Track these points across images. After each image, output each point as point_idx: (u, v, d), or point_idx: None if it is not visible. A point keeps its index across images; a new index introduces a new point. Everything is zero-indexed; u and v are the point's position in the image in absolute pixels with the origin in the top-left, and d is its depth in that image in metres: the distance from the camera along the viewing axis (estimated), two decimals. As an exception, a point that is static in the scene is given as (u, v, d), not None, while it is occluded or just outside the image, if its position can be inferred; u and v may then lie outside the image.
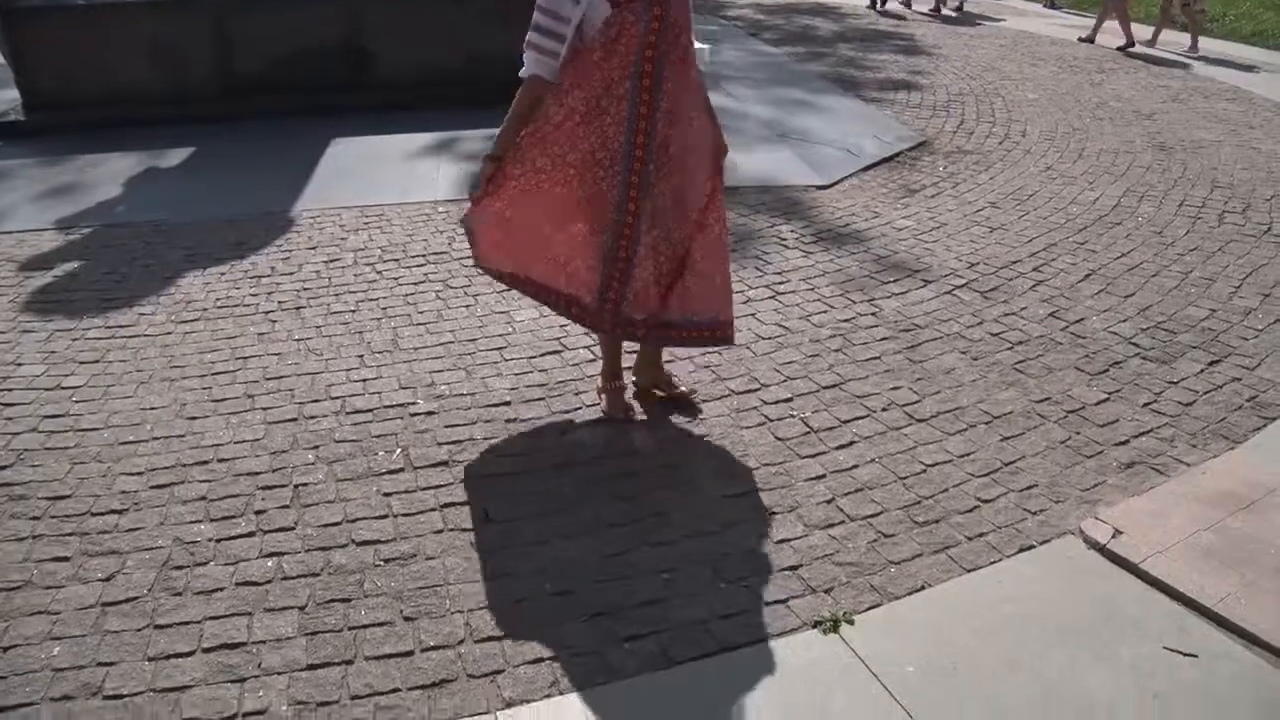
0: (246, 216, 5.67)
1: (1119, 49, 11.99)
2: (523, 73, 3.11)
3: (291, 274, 4.89)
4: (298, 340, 4.18)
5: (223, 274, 4.90)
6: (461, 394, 3.72)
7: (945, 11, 14.92)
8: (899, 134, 7.47)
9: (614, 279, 3.21)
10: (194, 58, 7.80)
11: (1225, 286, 4.79)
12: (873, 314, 4.44)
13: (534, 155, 3.10)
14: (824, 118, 7.86)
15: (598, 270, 3.23)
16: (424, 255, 5.08)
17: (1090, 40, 12.45)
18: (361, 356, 4.03)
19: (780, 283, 4.71)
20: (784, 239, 5.29)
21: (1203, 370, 3.97)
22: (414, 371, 3.90)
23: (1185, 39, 12.08)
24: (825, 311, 4.45)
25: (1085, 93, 9.25)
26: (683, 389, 3.70)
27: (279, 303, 4.56)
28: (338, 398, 3.71)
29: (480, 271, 3.58)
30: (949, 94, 9.00)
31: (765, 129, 7.21)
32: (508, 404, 3.66)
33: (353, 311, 4.45)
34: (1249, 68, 10.94)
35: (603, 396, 3.63)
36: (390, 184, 6.20)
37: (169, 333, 4.27)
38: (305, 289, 4.71)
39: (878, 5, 15.27)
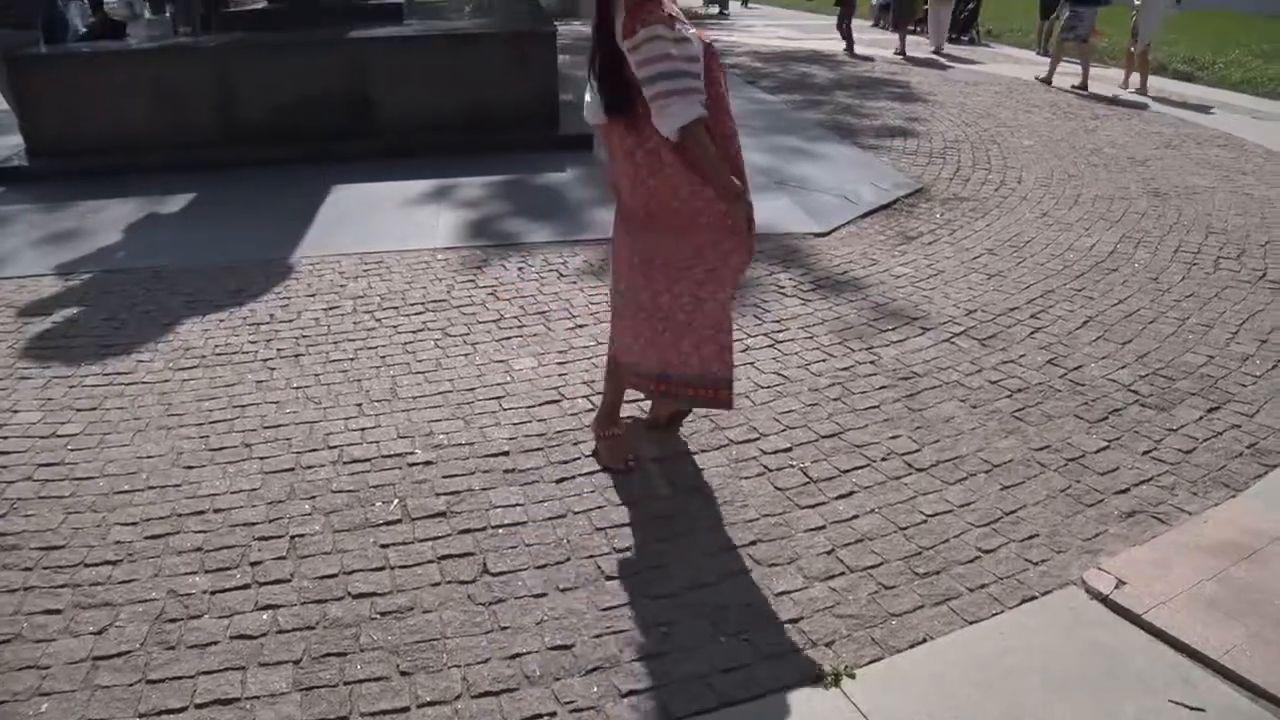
0: (247, 263, 5.68)
1: (1073, 88, 12.45)
2: (686, 122, 2.89)
3: (290, 321, 4.89)
4: (296, 388, 4.18)
5: (222, 321, 4.91)
6: (460, 444, 3.71)
7: (933, 55, 15.32)
8: (896, 181, 7.51)
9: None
10: (196, 104, 7.86)
11: (1222, 333, 4.79)
12: (871, 362, 4.43)
13: None
14: (821, 165, 7.91)
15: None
16: (423, 303, 5.08)
17: (1047, 81, 12.88)
18: (360, 405, 4.02)
19: (779, 331, 4.71)
20: (782, 287, 5.30)
21: (1202, 417, 3.97)
22: (412, 421, 3.89)
23: (1174, 85, 12.23)
24: (824, 360, 4.45)
25: (1080, 139, 9.32)
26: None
27: (278, 350, 4.55)
28: (335, 447, 3.70)
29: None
30: (945, 141, 9.07)
31: (763, 176, 7.25)
32: (506, 454, 3.64)
33: (351, 359, 4.45)
34: (1239, 113, 11.04)
35: (600, 445, 3.62)
36: (390, 231, 6.22)
37: (167, 380, 4.27)
38: (304, 336, 4.71)
39: (850, 50, 15.82)
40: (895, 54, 15.81)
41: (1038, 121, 10.19)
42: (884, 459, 3.63)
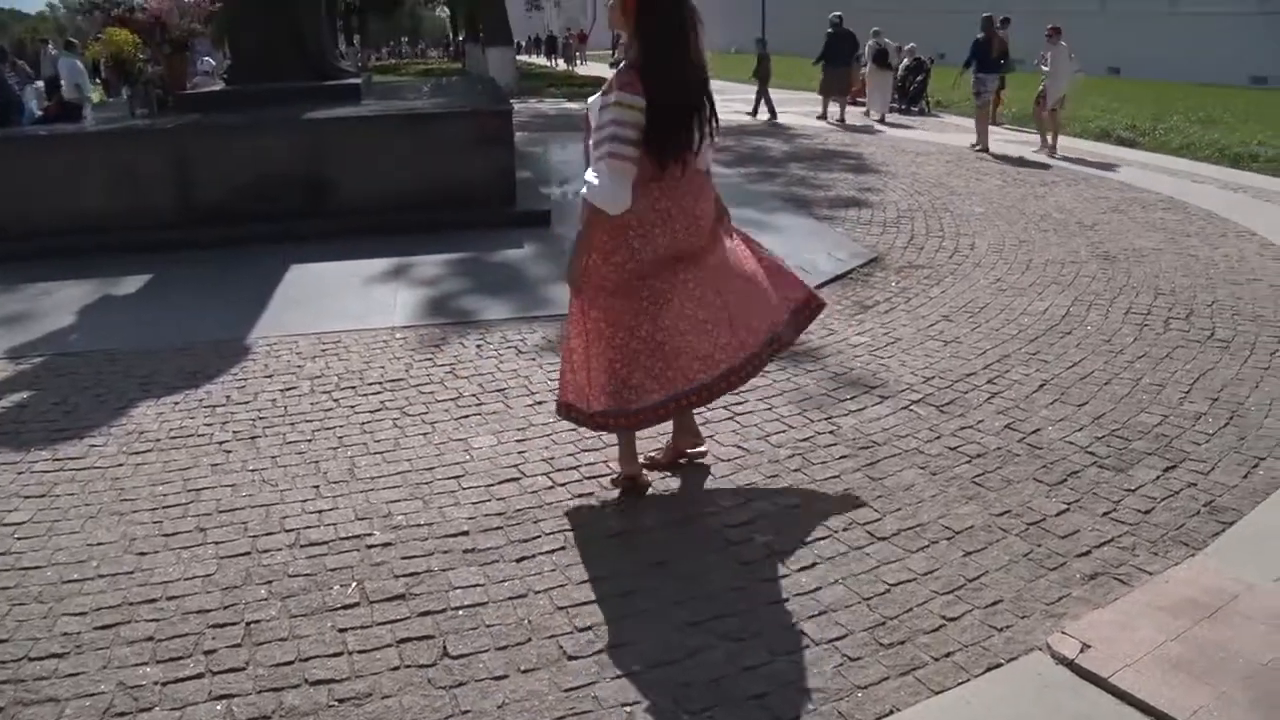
0: (203, 344, 5.64)
1: (971, 146, 13.51)
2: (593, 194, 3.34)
3: (247, 403, 4.84)
4: (252, 471, 4.12)
5: (177, 404, 4.85)
6: (418, 524, 3.66)
7: (872, 123, 16.13)
8: (851, 251, 7.61)
9: None
10: (154, 186, 7.87)
11: (1175, 392, 4.86)
12: (831, 432, 4.44)
13: None
14: (778, 237, 7.99)
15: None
16: (381, 382, 5.06)
17: (984, 149, 13.54)
18: (317, 487, 3.97)
19: (738, 403, 4.71)
20: (741, 356, 5.32)
21: (1159, 477, 4.00)
22: (370, 502, 3.84)
23: (1116, 150, 12.62)
24: (784, 431, 4.45)
25: (1029, 205, 9.52)
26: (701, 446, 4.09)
27: (234, 432, 4.50)
28: (292, 530, 3.64)
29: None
30: (899, 210, 9.22)
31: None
32: (465, 534, 3.60)
33: (309, 441, 4.40)
34: (1180, 177, 11.34)
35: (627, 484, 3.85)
36: (348, 310, 6.22)
37: (120, 465, 4.20)
38: (261, 418, 4.66)
39: (771, 119, 16.76)
40: (824, 119, 16.54)
41: (988, 189, 10.40)
42: (846, 529, 3.62)
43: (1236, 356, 5.36)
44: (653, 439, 4.13)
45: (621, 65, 3.39)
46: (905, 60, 20.76)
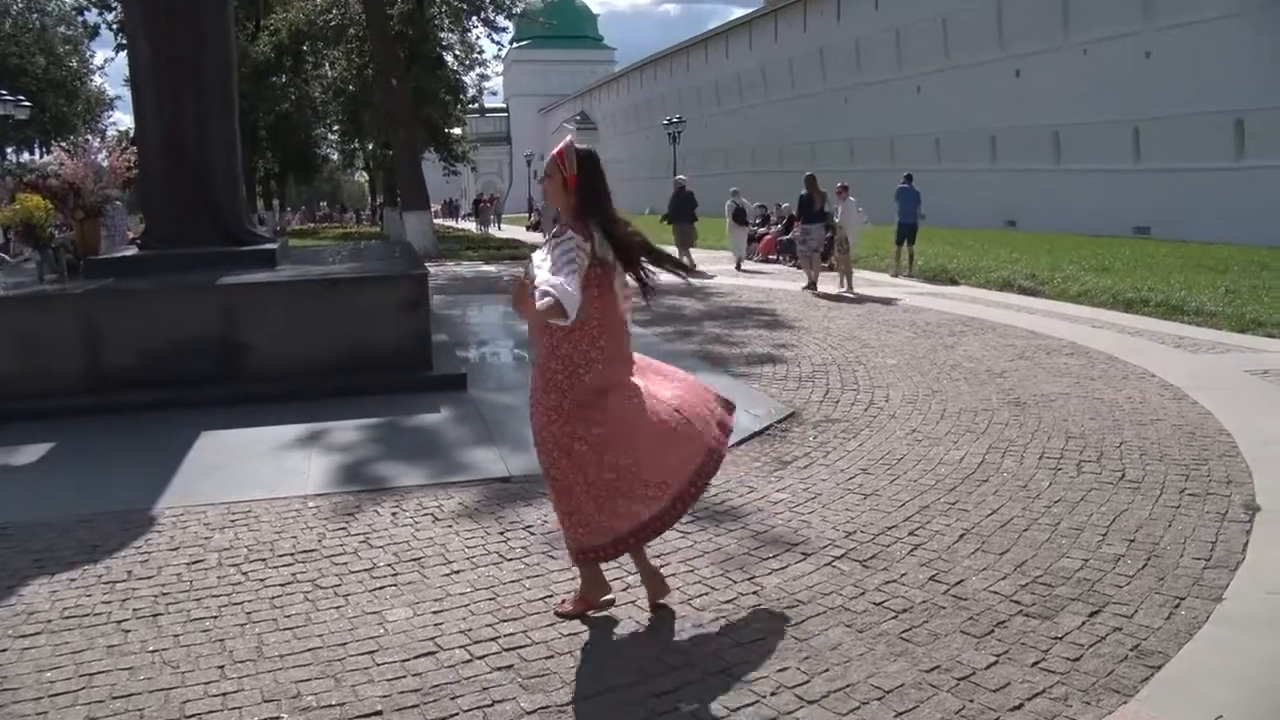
0: (105, 516, 5.41)
1: (804, 289, 15.54)
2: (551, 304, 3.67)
3: (149, 578, 4.61)
4: (152, 652, 3.89)
5: (73, 580, 4.60)
6: (330, 704, 3.47)
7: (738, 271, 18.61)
8: (768, 407, 7.68)
9: None
10: (61, 352, 7.71)
11: (1093, 535, 4.90)
12: (755, 593, 4.37)
13: None
14: (695, 392, 8.04)
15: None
16: (293, 554, 4.88)
17: (812, 287, 15.95)
18: (222, 668, 3.75)
19: (660, 566, 4.60)
20: (662, 516, 5.26)
21: (1084, 622, 3.99)
22: (278, 682, 3.64)
23: (1017, 298, 13.15)
24: (707, 594, 4.36)
25: (940, 355, 9.76)
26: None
27: (134, 610, 4.27)
28: (193, 715, 3.42)
29: None
30: (813, 365, 9.38)
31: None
32: (379, 713, 3.41)
33: (214, 617, 4.19)
34: (1080, 323, 11.77)
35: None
36: (260, 478, 6.05)
37: (4, 650, 3.93)
38: (164, 594, 4.44)
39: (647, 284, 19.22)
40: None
41: (899, 340, 10.66)
42: (774, 693, 3.51)
43: (1148, 496, 5.45)
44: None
45: (566, 220, 3.98)
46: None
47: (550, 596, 4.32)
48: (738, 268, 21.00)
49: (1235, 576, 4.41)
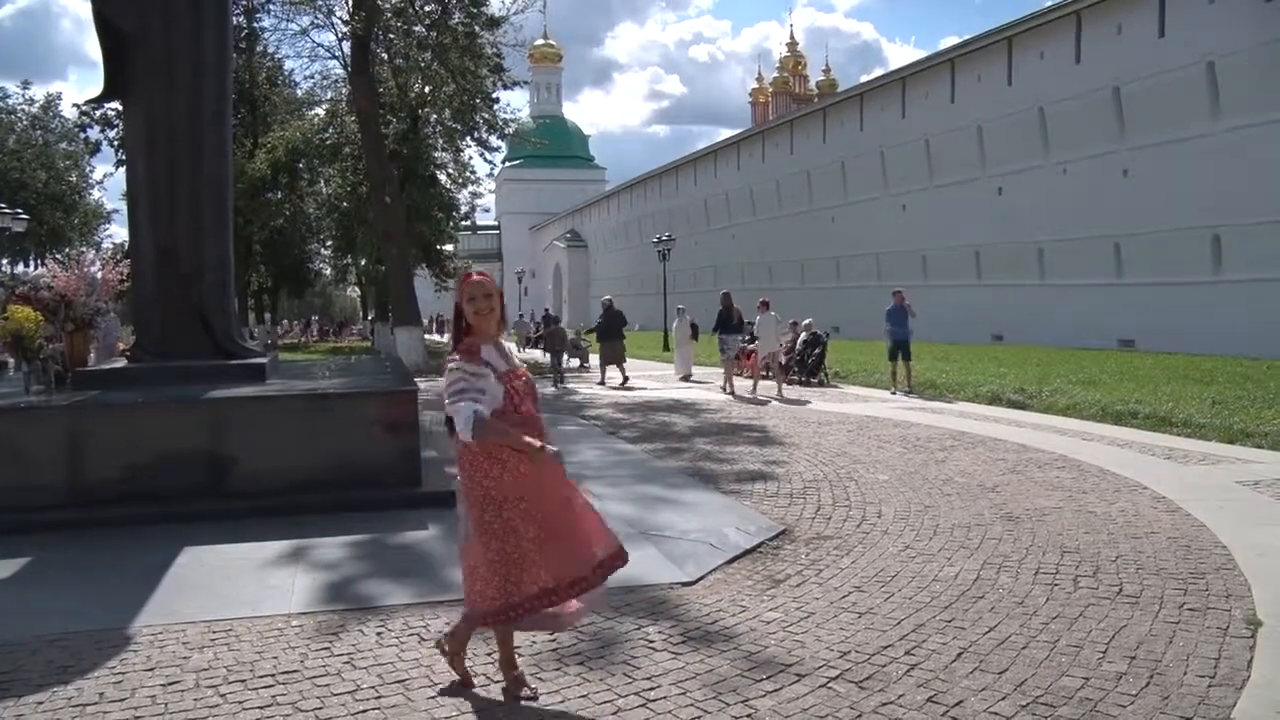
0: (79, 634, 5.24)
1: (725, 390, 18.28)
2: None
3: (122, 700, 4.45)
4: (122, 786, 3.75)
5: (40, 704, 4.43)
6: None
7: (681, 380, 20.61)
8: (760, 524, 7.59)
9: None
10: (44, 464, 7.63)
11: (1093, 653, 4.81)
12: (748, 716, 4.24)
13: None
14: (685, 512, 7.97)
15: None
16: (273, 674, 4.74)
17: (730, 391, 18.41)
18: (194, 803, 3.61)
19: (651, 689, 4.50)
20: (651, 641, 5.13)
21: (1089, 747, 3.88)
22: (253, 818, 3.50)
23: (1006, 412, 13.17)
24: (700, 717, 4.23)
25: (931, 470, 9.71)
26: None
27: (103, 737, 4.12)
28: None
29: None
30: (804, 481, 9.32)
31: (627, 526, 7.24)
32: None
33: (188, 748, 4.05)
34: (1071, 436, 11.76)
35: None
36: (242, 596, 5.91)
37: (-37, 786, 3.79)
38: (137, 718, 4.28)
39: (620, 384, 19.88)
40: (603, 384, 21.41)
41: (890, 456, 10.62)
42: (770, 822, 3.39)
43: (1147, 611, 5.37)
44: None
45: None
46: (803, 335, 21.73)
47: (537, 723, 4.19)
48: (685, 378, 22.85)
49: (1242, 695, 4.31)
